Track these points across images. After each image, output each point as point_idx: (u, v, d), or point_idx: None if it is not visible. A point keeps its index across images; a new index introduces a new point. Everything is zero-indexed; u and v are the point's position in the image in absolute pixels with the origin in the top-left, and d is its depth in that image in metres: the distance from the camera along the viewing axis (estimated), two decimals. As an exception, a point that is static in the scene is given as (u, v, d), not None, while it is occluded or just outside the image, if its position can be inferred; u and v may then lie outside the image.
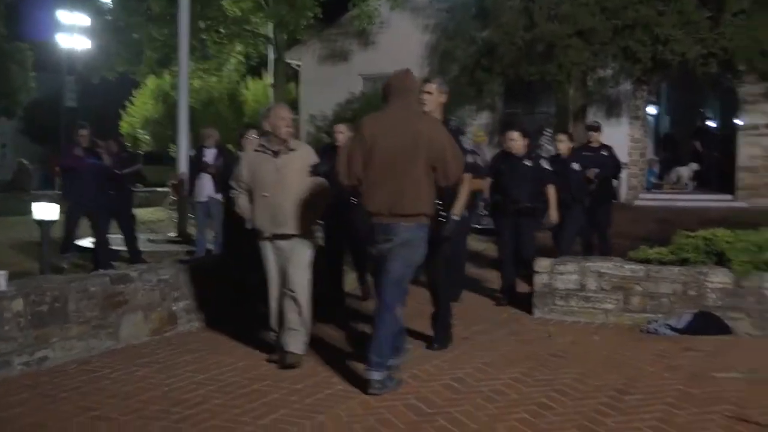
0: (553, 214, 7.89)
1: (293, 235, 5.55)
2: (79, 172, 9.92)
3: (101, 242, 10.17)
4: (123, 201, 10.63)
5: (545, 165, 7.87)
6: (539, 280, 7.15)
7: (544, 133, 17.54)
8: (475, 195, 7.89)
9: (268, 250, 5.64)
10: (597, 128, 9.96)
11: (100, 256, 9.98)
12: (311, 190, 5.59)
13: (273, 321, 5.72)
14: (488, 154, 11.39)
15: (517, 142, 7.74)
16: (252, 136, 7.81)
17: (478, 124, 19.13)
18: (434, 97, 5.73)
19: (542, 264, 7.21)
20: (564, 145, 8.93)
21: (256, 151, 5.73)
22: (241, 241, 6.09)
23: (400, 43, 20.51)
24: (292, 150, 5.61)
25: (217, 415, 4.50)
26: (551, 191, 7.82)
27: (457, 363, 5.56)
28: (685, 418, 4.36)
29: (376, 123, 4.98)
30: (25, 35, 29.60)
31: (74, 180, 9.98)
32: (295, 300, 5.54)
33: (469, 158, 7.79)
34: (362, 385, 4.86)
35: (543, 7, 17.58)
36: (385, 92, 5.05)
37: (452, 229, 5.73)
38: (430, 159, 4.86)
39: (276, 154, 5.57)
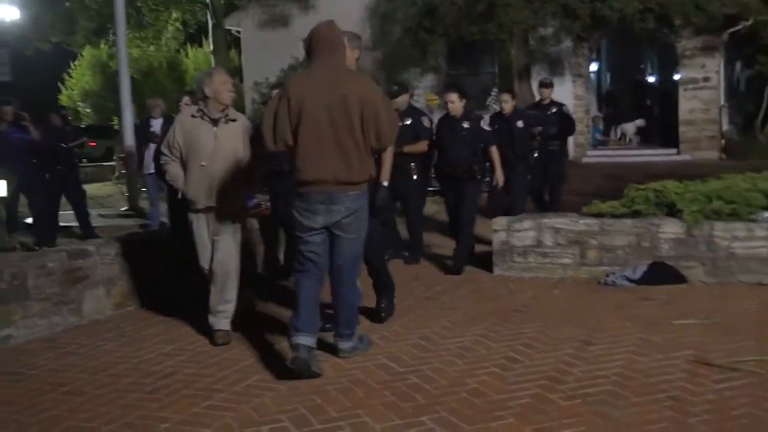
0: (499, 176, 7.64)
1: (227, 209, 5.34)
2: (6, 147, 9.65)
3: (38, 219, 9.96)
4: (70, 176, 10.41)
5: (484, 126, 7.60)
6: (497, 238, 7.26)
7: (491, 93, 17.68)
8: (428, 157, 7.96)
9: (202, 223, 5.36)
10: (548, 85, 10.03)
11: (39, 234, 9.78)
12: (247, 161, 5.39)
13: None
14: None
15: (455, 104, 7.50)
16: (185, 101, 7.73)
17: (424, 86, 19.17)
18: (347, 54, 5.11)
19: (499, 222, 7.32)
20: (508, 105, 8.86)
21: (193, 117, 5.38)
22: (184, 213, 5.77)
23: (340, 6, 20.28)
24: (232, 120, 5.38)
25: (190, 384, 4.51)
26: (494, 152, 7.57)
27: (423, 322, 5.65)
28: (648, 364, 4.52)
29: (303, 83, 4.52)
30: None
31: (1, 156, 9.70)
32: (225, 275, 5.36)
33: (426, 122, 7.92)
34: (333, 350, 4.91)
35: (482, -36, 17.58)
36: (309, 48, 4.60)
37: (384, 197, 5.54)
38: (365, 120, 4.45)
39: (215, 122, 5.31)
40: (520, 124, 8.73)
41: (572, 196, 10.20)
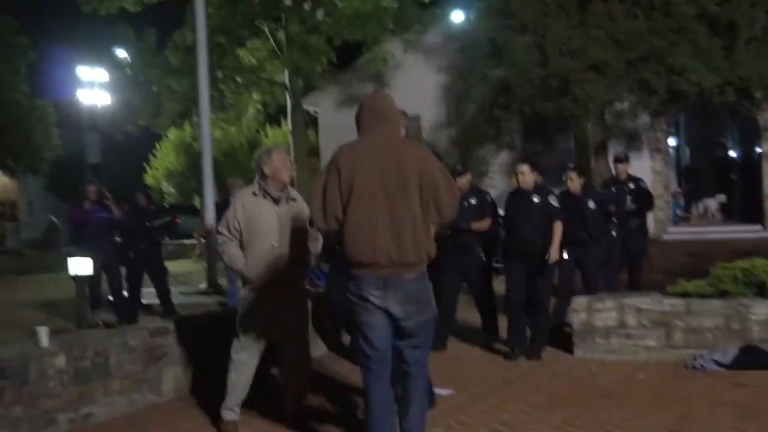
0: (553, 253, 6.99)
1: (292, 287, 5.30)
2: (90, 226, 9.98)
3: (118, 296, 10.20)
4: (154, 254, 10.67)
5: (553, 201, 7.14)
6: (577, 318, 7.07)
7: (568, 167, 17.52)
8: (494, 235, 7.90)
9: (262, 302, 5.21)
10: (623, 160, 9.69)
11: (119, 311, 10.01)
12: (307, 241, 5.37)
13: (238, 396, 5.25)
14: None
15: (525, 176, 7.12)
16: (235, 180, 7.82)
17: (498, 163, 19.21)
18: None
19: (579, 302, 7.15)
20: (574, 184, 8.38)
21: (254, 195, 5.26)
22: None
23: (415, 85, 20.69)
24: (292, 199, 5.35)
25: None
26: (557, 227, 7.04)
27: (502, 406, 5.50)
28: (744, 455, 4.28)
29: (354, 153, 4.10)
30: (47, 93, 30.13)
31: (85, 234, 10.03)
32: (300, 358, 5.34)
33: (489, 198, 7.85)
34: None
35: (555, 42, 17.67)
36: (359, 118, 4.25)
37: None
38: (423, 193, 4.04)
39: (277, 201, 5.26)
40: (591, 204, 8.30)
41: (653, 274, 9.91)
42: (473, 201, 7.61)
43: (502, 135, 18.87)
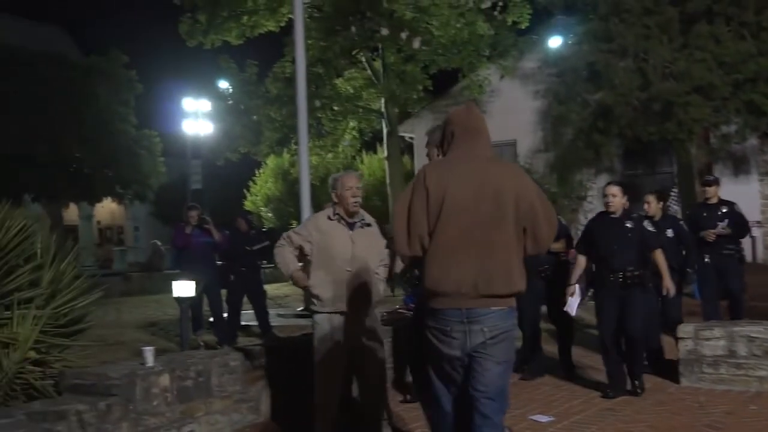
0: (668, 283, 6.66)
1: (366, 313, 5.22)
2: (191, 249, 10.24)
3: (218, 318, 10.41)
4: (253, 277, 10.88)
5: (649, 227, 6.69)
6: (683, 346, 6.81)
7: (671, 193, 17.04)
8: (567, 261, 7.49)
9: (326, 327, 5.19)
10: (712, 182, 8.95)
11: (220, 332, 10.21)
12: (380, 267, 5.30)
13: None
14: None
15: (615, 198, 6.54)
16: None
17: (597, 187, 18.80)
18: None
19: (686, 330, 6.89)
20: (652, 207, 7.85)
21: (329, 219, 5.27)
22: None
23: (512, 111, 20.59)
24: (367, 225, 5.31)
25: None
26: (658, 256, 6.62)
27: (605, 435, 5.33)
28: None
29: (444, 172, 3.72)
30: (154, 123, 31.44)
31: (187, 257, 10.29)
32: (376, 386, 5.25)
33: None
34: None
35: (657, 65, 17.28)
36: (445, 135, 3.90)
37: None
38: (519, 219, 3.64)
39: (351, 226, 5.24)
40: (670, 233, 7.68)
41: (762, 302, 9.44)
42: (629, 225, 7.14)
43: (602, 159, 18.50)
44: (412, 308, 9.11)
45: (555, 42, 19.89)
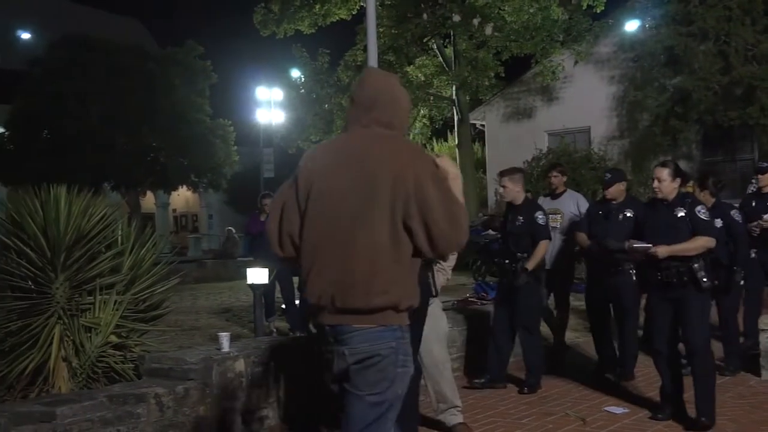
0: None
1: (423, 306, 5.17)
2: (265, 237, 10.33)
3: (290, 305, 10.52)
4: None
5: (702, 214, 5.47)
6: (765, 338, 6.59)
7: (752, 181, 16.48)
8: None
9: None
10: (764, 170, 7.89)
11: (292, 319, 10.33)
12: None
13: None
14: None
15: (664, 183, 5.52)
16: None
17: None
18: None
19: (766, 321, 6.66)
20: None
21: None
22: None
23: (586, 97, 20.24)
24: None
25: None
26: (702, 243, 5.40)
27: (680, 428, 5.19)
28: None
29: (318, 159, 3.08)
30: (228, 113, 31.99)
31: (260, 245, 10.43)
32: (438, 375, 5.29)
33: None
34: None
35: (739, 48, 16.76)
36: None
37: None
38: (398, 212, 2.85)
39: None
40: (718, 223, 6.41)
41: None
42: (629, 214, 6.57)
43: (679, 146, 18.04)
44: (482, 297, 9.08)
45: (632, 26, 19.44)
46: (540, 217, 6.60)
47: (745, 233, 7.08)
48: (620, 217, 6.62)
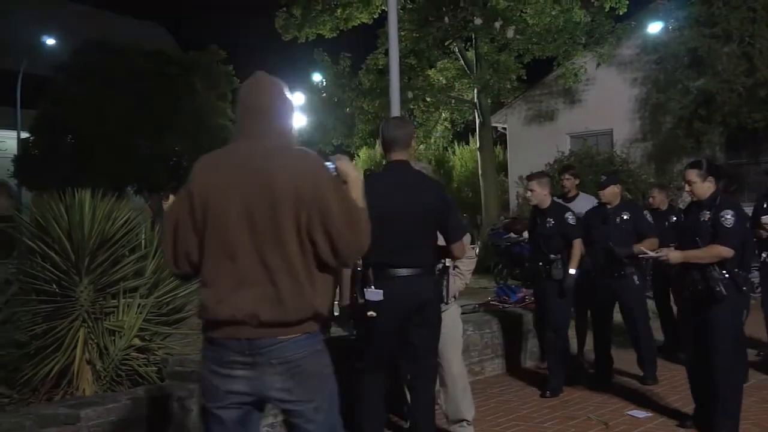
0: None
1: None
2: None
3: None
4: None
5: (726, 221, 4.99)
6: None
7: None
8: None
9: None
10: None
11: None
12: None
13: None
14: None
15: (695, 185, 5.15)
16: None
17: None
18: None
19: (793, 325, 6.59)
20: (657, 199, 7.38)
21: None
22: None
23: (608, 99, 20.14)
24: None
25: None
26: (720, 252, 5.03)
27: (707, 433, 5.15)
28: None
29: (210, 172, 2.95)
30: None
31: None
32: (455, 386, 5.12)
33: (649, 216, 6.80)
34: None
35: (764, 50, 16.61)
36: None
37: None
38: (306, 225, 2.81)
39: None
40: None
41: None
42: (625, 216, 6.66)
43: (703, 148, 17.89)
44: (504, 300, 9.06)
45: (654, 27, 19.33)
46: (570, 217, 6.65)
47: (751, 238, 6.56)
48: (617, 220, 6.68)
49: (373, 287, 4.21)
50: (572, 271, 6.44)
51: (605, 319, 6.92)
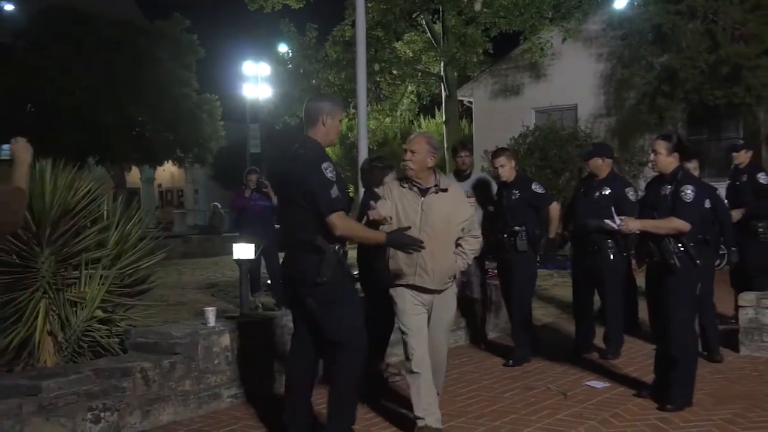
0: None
1: (437, 291, 4.81)
2: (250, 212, 10.40)
3: (276, 280, 10.54)
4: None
5: (686, 195, 5.14)
6: (744, 314, 6.69)
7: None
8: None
9: (405, 300, 4.79)
10: (738, 148, 7.75)
11: (277, 294, 10.36)
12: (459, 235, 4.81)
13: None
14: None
15: (660, 156, 5.30)
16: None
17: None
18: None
19: (747, 297, 6.75)
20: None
21: (401, 187, 4.81)
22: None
23: (573, 74, 20.25)
24: (443, 190, 4.79)
25: None
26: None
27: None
28: None
29: None
30: (215, 87, 31.78)
31: (246, 220, 10.46)
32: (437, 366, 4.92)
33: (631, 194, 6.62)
34: None
35: (727, 27, 16.78)
36: None
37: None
38: None
39: (424, 192, 4.76)
40: (707, 204, 6.06)
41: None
42: (606, 192, 6.61)
43: (665, 124, 18.08)
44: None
45: (620, 3, 19.42)
46: (537, 186, 6.73)
47: (729, 215, 7.05)
48: (596, 195, 6.64)
49: None
50: (551, 234, 6.46)
51: (584, 295, 6.94)
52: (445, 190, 4.80)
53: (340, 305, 4.32)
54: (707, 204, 6.07)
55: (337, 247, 4.28)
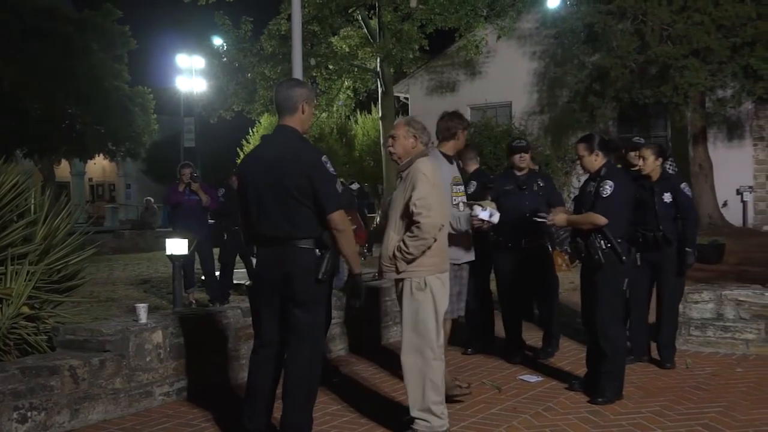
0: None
1: (398, 278, 4.67)
2: (184, 208, 10.24)
3: (210, 277, 10.41)
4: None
5: (604, 191, 5.26)
6: (682, 308, 6.84)
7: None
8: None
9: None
10: (638, 146, 6.66)
11: (211, 291, 10.24)
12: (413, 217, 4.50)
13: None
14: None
15: (584, 158, 5.43)
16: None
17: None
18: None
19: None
20: (649, 163, 6.20)
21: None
22: None
23: (508, 72, 20.54)
24: (401, 178, 4.77)
25: None
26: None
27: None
28: None
29: None
30: (147, 80, 31.22)
31: (180, 215, 10.31)
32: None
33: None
34: None
35: (655, 28, 17.20)
36: None
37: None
38: None
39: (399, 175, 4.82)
40: (667, 198, 6.16)
41: (753, 266, 9.52)
42: (542, 184, 6.65)
43: (597, 122, 18.48)
44: None
45: (553, 2, 19.73)
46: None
47: (695, 211, 6.63)
48: (535, 187, 6.59)
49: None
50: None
51: (513, 289, 6.75)
52: (407, 172, 4.71)
53: (323, 305, 4.26)
54: (667, 198, 6.11)
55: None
